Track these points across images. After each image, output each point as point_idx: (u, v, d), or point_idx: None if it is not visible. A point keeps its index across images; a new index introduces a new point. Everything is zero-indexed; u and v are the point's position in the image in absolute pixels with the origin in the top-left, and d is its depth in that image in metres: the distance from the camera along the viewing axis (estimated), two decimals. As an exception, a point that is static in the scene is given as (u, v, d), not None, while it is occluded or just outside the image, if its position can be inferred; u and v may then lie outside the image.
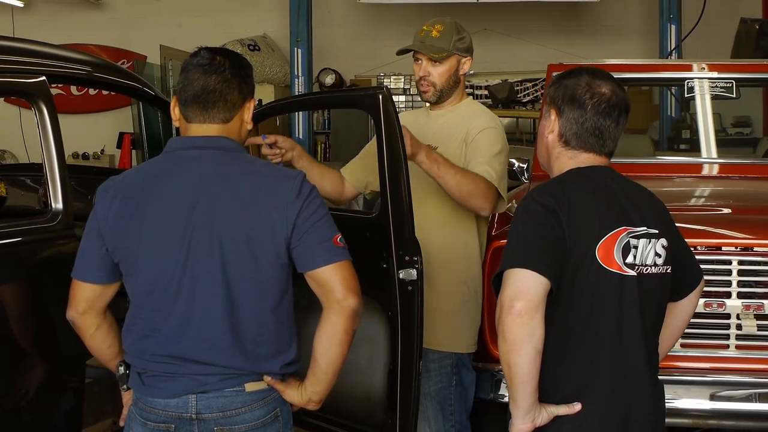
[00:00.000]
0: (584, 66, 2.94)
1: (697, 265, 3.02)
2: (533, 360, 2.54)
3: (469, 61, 4.07)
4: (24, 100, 3.80)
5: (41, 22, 13.70)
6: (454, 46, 4.00)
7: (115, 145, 12.46)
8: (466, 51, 4.06)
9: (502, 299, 2.56)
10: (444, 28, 4.02)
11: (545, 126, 2.87)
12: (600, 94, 2.78)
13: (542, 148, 2.92)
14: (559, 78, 2.87)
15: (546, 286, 2.54)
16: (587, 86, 2.78)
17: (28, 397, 3.55)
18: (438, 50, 3.98)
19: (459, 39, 4.03)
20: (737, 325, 4.07)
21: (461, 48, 4.03)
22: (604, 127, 2.78)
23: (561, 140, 2.82)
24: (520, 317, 2.51)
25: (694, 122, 7.58)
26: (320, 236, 2.69)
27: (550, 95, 2.86)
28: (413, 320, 3.46)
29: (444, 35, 4.00)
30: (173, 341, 2.68)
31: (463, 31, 4.08)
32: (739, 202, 4.88)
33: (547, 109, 2.87)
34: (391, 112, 3.45)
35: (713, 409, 4.03)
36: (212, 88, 2.75)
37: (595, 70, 2.85)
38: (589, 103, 2.77)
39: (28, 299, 3.60)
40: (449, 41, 4.00)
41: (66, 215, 3.68)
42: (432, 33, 4.00)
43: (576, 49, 11.64)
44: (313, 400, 2.78)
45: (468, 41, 4.08)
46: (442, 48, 3.98)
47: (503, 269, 2.60)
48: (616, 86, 2.82)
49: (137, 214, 2.69)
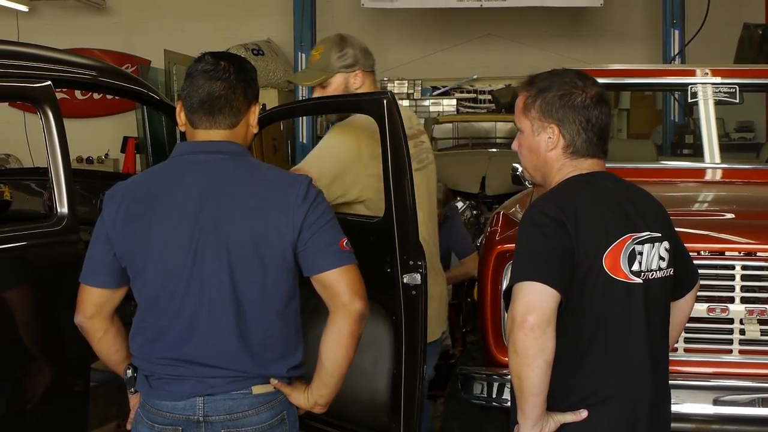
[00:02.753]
0: (548, 72, 2.84)
1: (694, 264, 3.02)
2: (544, 373, 2.53)
3: (360, 73, 3.92)
4: (29, 104, 3.82)
5: (46, 26, 13.74)
6: (334, 65, 3.90)
7: (119, 149, 12.51)
8: (352, 66, 3.91)
9: (513, 313, 2.54)
10: (324, 48, 3.93)
11: (541, 143, 2.77)
12: (592, 92, 2.75)
13: (539, 164, 2.82)
14: (538, 92, 2.77)
15: (557, 299, 2.53)
16: (579, 89, 2.74)
17: (33, 400, 3.56)
18: (313, 77, 3.93)
19: (340, 56, 3.90)
20: (740, 330, 4.06)
21: (345, 65, 3.90)
22: (605, 124, 2.77)
23: (567, 152, 2.76)
24: (533, 331, 2.50)
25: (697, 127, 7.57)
26: (327, 240, 2.70)
27: (539, 110, 2.76)
28: (417, 324, 3.47)
29: (323, 56, 3.91)
30: (181, 344, 2.70)
31: (345, 46, 3.93)
32: (743, 207, 4.87)
33: (539, 125, 2.77)
34: (396, 116, 3.45)
35: (716, 414, 4.02)
36: (217, 94, 2.76)
37: (567, 71, 2.81)
38: (590, 105, 2.73)
39: (33, 303, 3.61)
40: (328, 61, 3.90)
41: (71, 219, 3.70)
42: (314, 57, 3.94)
43: (579, 54, 11.68)
44: (319, 403, 2.79)
45: (352, 55, 3.92)
46: (321, 71, 3.91)
47: (513, 283, 2.58)
48: (593, 79, 2.79)
49: (145, 218, 2.71)
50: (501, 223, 4.41)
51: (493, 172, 9.45)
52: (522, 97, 2.83)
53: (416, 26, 12.79)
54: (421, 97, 13.66)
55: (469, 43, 13.03)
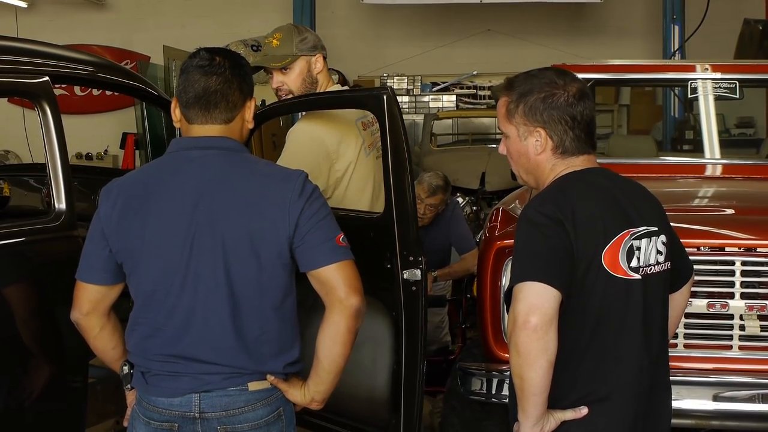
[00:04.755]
0: (525, 74, 2.80)
1: (688, 256, 3.01)
2: (546, 373, 2.52)
3: (320, 57, 4.02)
4: (27, 100, 3.81)
5: (45, 22, 13.74)
6: (297, 49, 3.97)
7: (118, 145, 12.50)
8: (313, 49, 4.01)
9: (515, 314, 2.53)
10: (282, 35, 4.00)
11: (529, 148, 2.75)
12: (573, 89, 2.72)
13: (530, 167, 2.80)
14: (519, 97, 2.74)
15: (558, 298, 2.52)
16: (560, 88, 2.71)
17: (32, 397, 3.55)
18: (280, 58, 3.97)
19: (301, 41, 3.99)
20: (740, 325, 4.06)
21: (306, 48, 3.99)
22: (590, 118, 2.75)
23: (557, 152, 2.74)
24: (535, 332, 2.48)
25: (697, 123, 7.57)
26: (323, 236, 2.68)
27: (523, 115, 2.74)
28: (417, 320, 3.47)
29: (284, 42, 3.97)
30: (177, 340, 2.69)
31: (304, 32, 4.05)
32: (743, 203, 4.87)
33: (525, 130, 2.75)
34: (396, 112, 3.45)
35: (716, 409, 4.02)
36: (213, 89, 2.75)
37: (544, 71, 2.78)
38: (573, 103, 2.70)
39: (31, 299, 3.60)
40: (291, 46, 3.97)
41: (69, 215, 3.68)
42: (272, 44, 3.99)
43: (579, 49, 11.67)
44: (316, 399, 2.78)
45: (312, 40, 4.03)
46: (285, 55, 3.96)
47: (513, 284, 2.57)
48: (572, 74, 2.77)
49: (140, 214, 2.70)
50: (500, 218, 4.40)
51: (492, 168, 9.45)
52: (503, 102, 2.80)
53: (416, 22, 12.78)
54: (420, 93, 13.66)
55: (468, 39, 13.03)
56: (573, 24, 13.16)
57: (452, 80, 13.45)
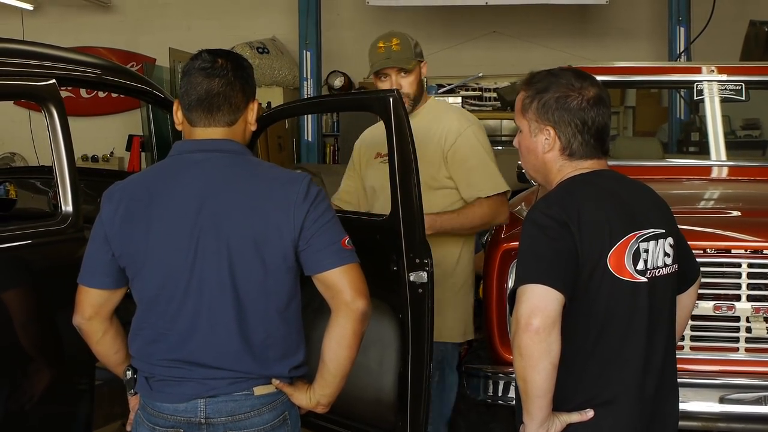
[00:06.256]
0: (546, 72, 2.83)
1: (695, 258, 3.02)
2: (550, 375, 2.52)
3: (426, 64, 4.26)
4: (34, 102, 3.81)
5: (50, 25, 13.74)
6: (415, 54, 4.14)
7: (124, 147, 12.49)
8: (422, 56, 4.22)
9: (518, 316, 2.53)
10: (400, 40, 4.15)
11: (538, 145, 2.77)
12: (590, 94, 2.72)
13: (538, 165, 2.82)
14: (535, 93, 2.77)
15: (561, 301, 2.52)
16: (576, 91, 2.72)
17: (39, 399, 3.56)
18: (408, 61, 4.11)
19: (415, 45, 4.18)
20: (747, 328, 4.06)
21: (420, 54, 4.19)
22: (602, 125, 2.75)
23: (564, 154, 2.75)
24: (537, 334, 2.48)
25: (703, 125, 7.56)
26: (328, 239, 2.68)
27: (535, 112, 2.75)
28: (423, 323, 3.46)
29: (403, 46, 4.13)
30: (181, 345, 2.67)
31: (413, 38, 4.24)
32: (749, 205, 4.87)
33: (536, 126, 2.76)
34: (402, 114, 3.46)
35: (723, 412, 4.02)
36: (216, 91, 2.74)
37: (565, 71, 2.79)
38: (586, 108, 2.71)
39: (37, 301, 3.61)
40: (410, 50, 4.14)
41: (76, 218, 3.69)
42: (393, 47, 4.11)
43: (585, 51, 11.65)
44: (321, 403, 2.77)
45: (420, 46, 4.24)
46: (409, 58, 4.11)
47: (517, 286, 2.57)
48: (592, 78, 2.77)
49: (143, 218, 2.68)
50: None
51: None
52: (521, 97, 2.83)
53: (421, 24, 12.76)
54: (426, 94, 13.62)
55: (474, 41, 13.00)
56: (579, 26, 13.13)
57: (458, 82, 13.42)
